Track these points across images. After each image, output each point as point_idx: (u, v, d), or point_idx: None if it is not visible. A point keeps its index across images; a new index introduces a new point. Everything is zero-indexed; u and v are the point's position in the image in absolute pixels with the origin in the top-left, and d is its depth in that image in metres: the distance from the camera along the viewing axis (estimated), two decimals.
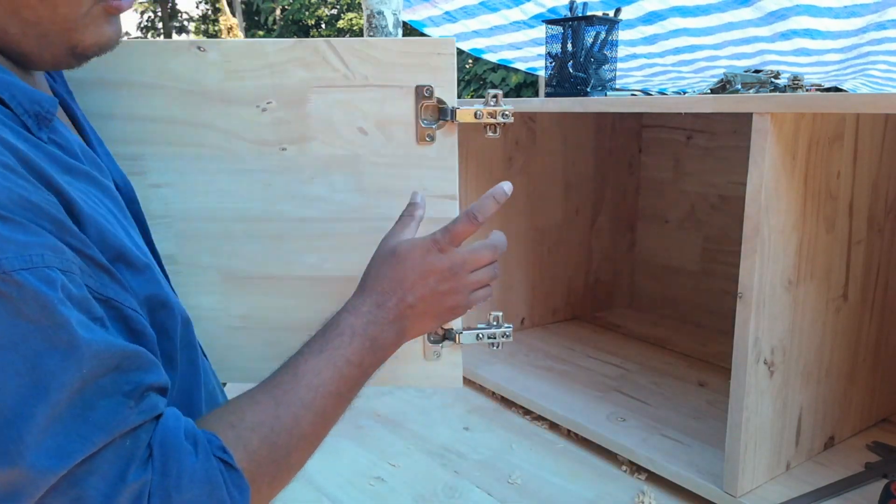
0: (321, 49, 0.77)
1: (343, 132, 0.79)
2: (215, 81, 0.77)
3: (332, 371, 0.60)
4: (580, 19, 1.20)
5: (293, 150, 0.79)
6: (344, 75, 0.78)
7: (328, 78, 0.78)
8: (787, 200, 0.84)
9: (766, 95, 0.89)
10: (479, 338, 0.82)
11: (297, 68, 0.77)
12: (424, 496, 0.95)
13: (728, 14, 2.46)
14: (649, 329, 1.57)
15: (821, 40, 2.47)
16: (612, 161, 1.63)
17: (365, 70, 0.78)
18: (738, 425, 0.87)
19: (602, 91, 1.21)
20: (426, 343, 0.83)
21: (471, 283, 0.69)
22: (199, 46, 0.77)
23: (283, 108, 0.78)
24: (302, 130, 0.79)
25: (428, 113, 0.79)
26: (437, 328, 0.72)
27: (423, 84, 0.78)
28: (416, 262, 0.67)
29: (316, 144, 0.79)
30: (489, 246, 0.70)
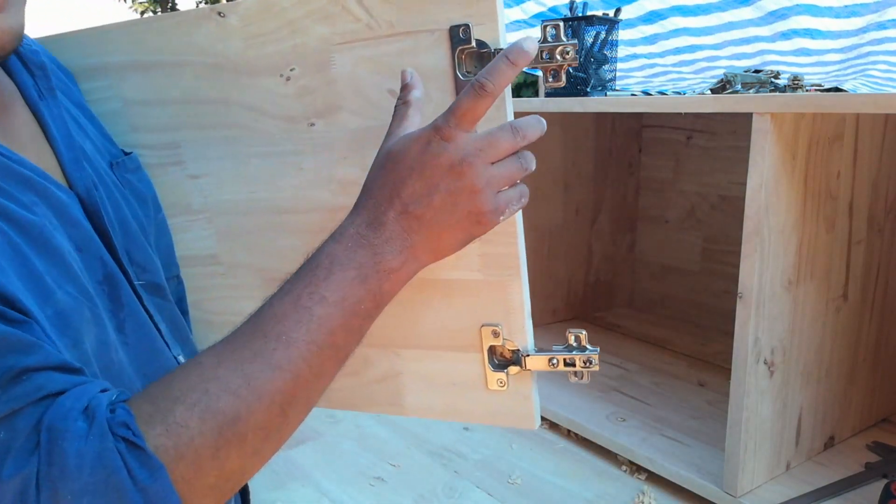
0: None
1: (372, 97, 0.66)
2: (238, 51, 0.69)
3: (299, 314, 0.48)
4: (580, 19, 1.20)
5: (321, 125, 0.69)
6: (367, 25, 0.64)
7: (350, 31, 0.65)
8: (787, 200, 0.84)
9: (766, 95, 0.89)
10: (554, 364, 0.62)
11: (317, 24, 0.66)
12: (424, 496, 0.95)
13: (728, 13, 2.46)
14: (649, 329, 1.57)
15: (821, 40, 2.47)
16: (612, 161, 1.63)
17: (389, 14, 0.64)
18: (738, 425, 0.87)
19: (602, 91, 1.21)
20: (487, 369, 0.66)
21: (495, 177, 0.52)
22: (220, 12, 0.69)
23: (307, 75, 0.68)
24: (329, 100, 0.67)
25: (470, 62, 0.62)
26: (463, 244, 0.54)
27: (459, 23, 0.61)
28: (414, 158, 0.51)
29: (345, 115, 0.67)
30: (507, 127, 0.53)
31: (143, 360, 0.60)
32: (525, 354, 0.64)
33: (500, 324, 0.64)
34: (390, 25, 0.63)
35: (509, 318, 0.64)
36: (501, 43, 0.60)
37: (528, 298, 0.63)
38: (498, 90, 0.51)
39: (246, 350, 0.46)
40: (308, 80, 0.68)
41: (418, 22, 0.62)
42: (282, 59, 0.68)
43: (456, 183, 0.51)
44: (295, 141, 0.70)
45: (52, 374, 0.42)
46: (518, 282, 0.63)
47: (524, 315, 0.63)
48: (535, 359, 0.63)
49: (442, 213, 0.51)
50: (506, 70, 0.51)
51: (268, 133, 0.71)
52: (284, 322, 0.47)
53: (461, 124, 0.51)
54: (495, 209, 0.52)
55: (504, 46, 0.58)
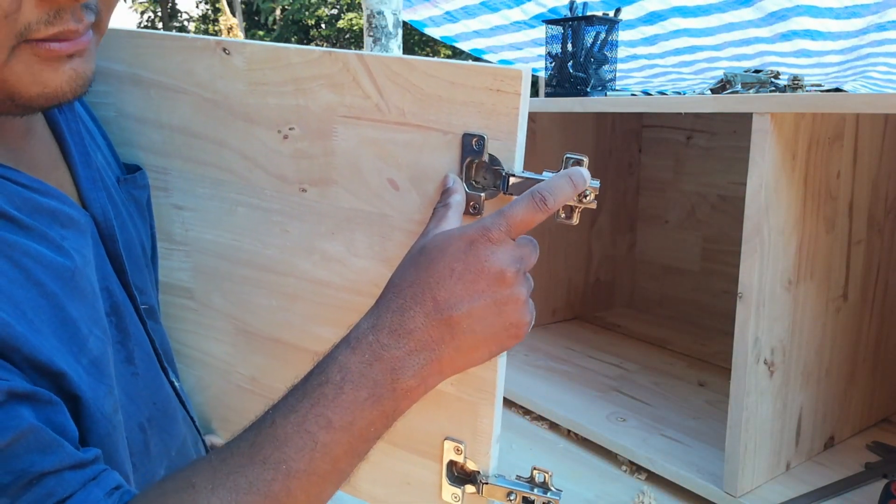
0: (352, 66, 0.60)
1: (371, 181, 0.62)
2: (239, 94, 0.67)
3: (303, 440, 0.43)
4: (580, 19, 1.20)
5: (313, 194, 0.65)
6: (376, 105, 0.60)
7: (358, 106, 0.61)
8: (787, 200, 0.84)
9: (766, 95, 0.89)
10: (511, 498, 0.59)
11: (324, 89, 0.62)
12: None
13: (729, 14, 2.46)
14: (649, 329, 1.57)
15: (821, 41, 2.47)
16: (612, 161, 1.63)
17: (402, 102, 0.58)
18: (738, 425, 0.87)
19: (602, 91, 1.21)
20: (445, 481, 0.62)
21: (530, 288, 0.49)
22: (225, 48, 0.66)
23: (307, 139, 0.64)
24: (325, 171, 0.64)
25: (479, 174, 0.56)
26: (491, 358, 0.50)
27: (474, 133, 0.55)
28: (456, 257, 0.46)
29: (339, 191, 0.64)
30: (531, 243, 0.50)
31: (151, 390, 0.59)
32: (484, 479, 0.60)
33: (465, 442, 0.60)
34: (401, 113, 0.59)
35: (475, 439, 0.60)
36: (517, 163, 0.54)
37: (499, 423, 0.59)
38: (554, 208, 0.49)
39: (242, 478, 0.42)
40: (306, 145, 0.64)
41: (432, 119, 0.57)
42: (282, 114, 0.65)
43: (503, 291, 0.46)
44: (284, 202, 0.67)
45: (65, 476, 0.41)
46: (490, 407, 0.59)
47: (491, 440, 0.59)
48: (493, 488, 0.59)
49: (482, 322, 0.46)
50: (568, 191, 0.49)
51: (259, 186, 0.68)
52: (285, 448, 0.43)
53: (512, 231, 0.47)
54: (531, 321, 0.49)
55: (519, 168, 0.54)
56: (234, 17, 12.99)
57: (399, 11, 2.23)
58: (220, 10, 13.63)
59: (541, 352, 1.42)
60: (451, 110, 0.56)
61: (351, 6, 13.00)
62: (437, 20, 3.09)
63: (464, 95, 0.55)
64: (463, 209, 0.54)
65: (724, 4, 2.42)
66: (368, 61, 0.59)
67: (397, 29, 2.21)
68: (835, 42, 2.47)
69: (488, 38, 3.19)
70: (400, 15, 2.24)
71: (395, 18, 2.10)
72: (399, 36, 2.13)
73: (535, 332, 1.54)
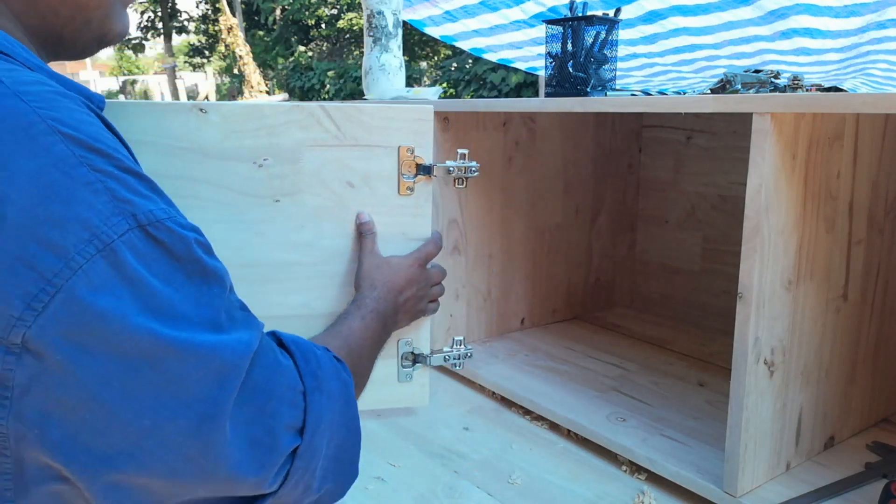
0: (316, 113, 0.87)
1: (332, 185, 0.88)
2: (214, 141, 0.82)
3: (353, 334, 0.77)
4: (580, 19, 1.20)
5: (286, 202, 0.87)
6: (335, 136, 0.88)
7: (321, 138, 0.87)
8: (787, 200, 0.84)
9: (766, 95, 0.89)
10: (446, 360, 0.99)
11: (294, 129, 0.85)
12: (424, 496, 0.95)
13: (728, 13, 2.46)
14: (649, 329, 1.57)
15: (821, 39, 2.47)
16: (612, 161, 1.63)
17: (354, 132, 0.88)
18: (738, 425, 0.87)
19: (602, 91, 1.21)
20: (400, 368, 0.95)
21: (430, 294, 0.92)
22: (202, 108, 0.82)
23: (279, 165, 0.85)
24: (295, 184, 0.86)
25: (408, 168, 0.91)
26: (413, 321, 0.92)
27: (406, 144, 0.91)
28: (405, 272, 0.87)
29: (307, 196, 0.87)
30: (441, 270, 0.94)
31: None
32: (428, 356, 0.96)
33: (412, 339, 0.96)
34: (355, 140, 0.89)
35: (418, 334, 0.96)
36: (431, 159, 0.92)
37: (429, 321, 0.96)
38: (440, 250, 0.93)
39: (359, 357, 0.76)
40: (279, 169, 0.86)
41: (377, 140, 0.90)
42: (257, 151, 0.85)
43: (420, 291, 0.89)
44: (259, 212, 0.85)
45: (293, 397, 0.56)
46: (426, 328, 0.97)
47: (428, 332, 0.96)
48: (434, 358, 0.97)
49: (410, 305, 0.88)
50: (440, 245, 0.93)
51: (234, 206, 0.84)
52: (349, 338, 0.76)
53: (426, 261, 0.90)
54: (424, 311, 0.92)
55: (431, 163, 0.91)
56: (234, 16, 12.99)
57: (399, 11, 2.23)
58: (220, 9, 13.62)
59: (541, 352, 1.42)
60: (390, 134, 0.90)
61: (351, 6, 12.98)
62: (436, 19, 3.09)
63: (398, 125, 0.90)
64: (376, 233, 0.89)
65: (724, 3, 2.42)
66: (328, 108, 0.88)
67: (397, 29, 2.20)
68: (834, 40, 2.47)
69: (488, 38, 3.19)
70: (400, 15, 2.24)
71: (395, 18, 2.10)
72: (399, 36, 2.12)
73: (536, 332, 1.54)
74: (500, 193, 1.44)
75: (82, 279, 0.42)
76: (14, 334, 0.41)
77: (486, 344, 1.46)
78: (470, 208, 1.40)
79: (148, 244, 0.45)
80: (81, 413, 0.43)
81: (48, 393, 0.42)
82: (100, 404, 0.43)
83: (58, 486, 0.44)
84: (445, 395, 1.28)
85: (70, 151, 0.44)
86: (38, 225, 0.42)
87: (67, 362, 0.41)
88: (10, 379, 0.41)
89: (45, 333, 0.41)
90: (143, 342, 0.43)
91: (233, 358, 0.48)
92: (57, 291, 0.41)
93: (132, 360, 0.43)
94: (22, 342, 0.41)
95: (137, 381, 0.43)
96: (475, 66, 8.83)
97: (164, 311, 0.45)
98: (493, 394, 1.28)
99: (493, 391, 1.28)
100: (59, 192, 0.42)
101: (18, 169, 0.42)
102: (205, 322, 0.47)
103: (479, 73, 8.77)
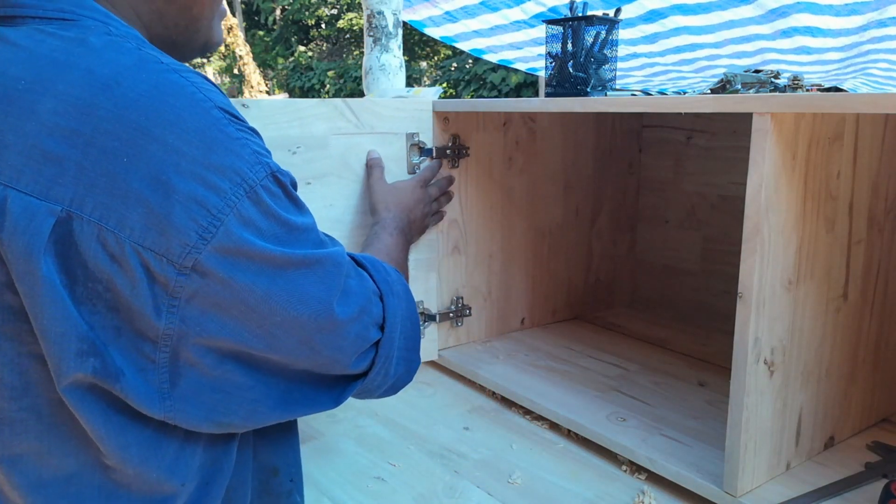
0: (339, 107, 1.09)
1: (354, 167, 1.10)
2: None
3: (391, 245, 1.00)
4: (580, 19, 1.20)
5: (316, 185, 1.06)
6: (356, 125, 1.11)
7: (344, 128, 1.10)
8: (787, 200, 0.84)
9: (766, 95, 0.89)
10: (451, 316, 1.32)
11: (321, 122, 1.05)
12: (424, 496, 0.95)
13: (729, 12, 2.46)
14: (649, 329, 1.57)
15: (821, 38, 2.46)
16: (612, 161, 1.63)
17: (371, 122, 1.13)
18: (738, 425, 0.87)
19: (602, 91, 1.21)
20: None
21: (432, 209, 1.21)
22: (244, 104, 0.97)
23: (310, 151, 1.05)
24: (324, 168, 1.07)
25: (414, 151, 1.19)
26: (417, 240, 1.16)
27: (412, 131, 1.19)
28: (411, 193, 1.13)
29: (333, 178, 1.08)
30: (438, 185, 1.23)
31: None
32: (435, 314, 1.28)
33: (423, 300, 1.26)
34: (371, 128, 1.14)
35: (427, 296, 1.26)
36: (432, 143, 1.22)
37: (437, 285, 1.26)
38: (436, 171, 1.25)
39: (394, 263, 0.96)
40: (311, 155, 1.06)
41: (389, 128, 1.16)
42: (290, 140, 1.03)
43: (425, 209, 1.17)
44: None
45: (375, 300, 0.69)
46: (434, 274, 1.31)
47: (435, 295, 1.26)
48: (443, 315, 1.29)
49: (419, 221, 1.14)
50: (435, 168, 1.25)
51: None
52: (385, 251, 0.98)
53: (426, 182, 1.19)
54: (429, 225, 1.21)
55: (432, 146, 1.22)
56: (234, 16, 12.97)
57: (399, 11, 2.23)
58: None
59: (541, 352, 1.42)
60: (399, 122, 1.17)
61: (351, 6, 12.97)
62: (436, 20, 3.09)
63: (405, 114, 1.18)
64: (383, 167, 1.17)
65: (725, 2, 2.42)
66: (349, 103, 1.11)
67: (397, 29, 2.20)
68: (835, 39, 2.47)
69: (488, 38, 3.19)
70: (400, 15, 2.24)
71: (395, 18, 2.10)
72: (399, 36, 2.12)
73: (536, 332, 1.54)
74: (501, 193, 1.44)
75: (235, 214, 0.53)
76: (187, 259, 0.52)
77: (486, 344, 1.46)
78: (470, 208, 1.40)
79: (275, 186, 0.57)
80: (232, 311, 0.55)
81: (207, 299, 0.53)
82: (246, 305, 0.55)
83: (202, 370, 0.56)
84: (445, 395, 1.28)
85: (221, 115, 0.55)
86: (204, 170, 0.53)
87: (226, 277, 0.53)
88: (179, 292, 0.52)
89: (211, 258, 0.52)
90: (275, 260, 0.56)
91: (336, 266, 0.62)
92: (221, 224, 0.53)
93: (268, 273, 0.55)
94: (192, 265, 0.52)
95: (272, 287, 0.56)
96: (475, 67, 8.83)
97: (291, 236, 0.58)
98: (494, 394, 1.28)
99: (493, 391, 1.28)
100: (218, 146, 0.54)
101: (188, 126, 0.53)
102: (313, 241, 0.61)
103: (479, 73, 8.77)
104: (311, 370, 0.62)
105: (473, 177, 1.39)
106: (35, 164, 0.50)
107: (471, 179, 1.38)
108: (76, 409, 0.52)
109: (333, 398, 0.66)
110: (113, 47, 0.55)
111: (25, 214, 0.49)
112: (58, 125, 0.51)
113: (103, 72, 0.53)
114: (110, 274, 0.51)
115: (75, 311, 0.51)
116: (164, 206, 0.51)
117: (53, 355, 0.51)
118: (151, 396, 0.54)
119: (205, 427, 0.58)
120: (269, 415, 0.61)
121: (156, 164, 0.51)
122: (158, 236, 0.51)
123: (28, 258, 0.49)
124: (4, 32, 0.56)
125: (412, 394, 1.27)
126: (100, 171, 0.50)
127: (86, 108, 0.51)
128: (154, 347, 0.53)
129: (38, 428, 0.54)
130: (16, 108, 0.51)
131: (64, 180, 0.50)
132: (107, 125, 0.51)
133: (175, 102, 0.53)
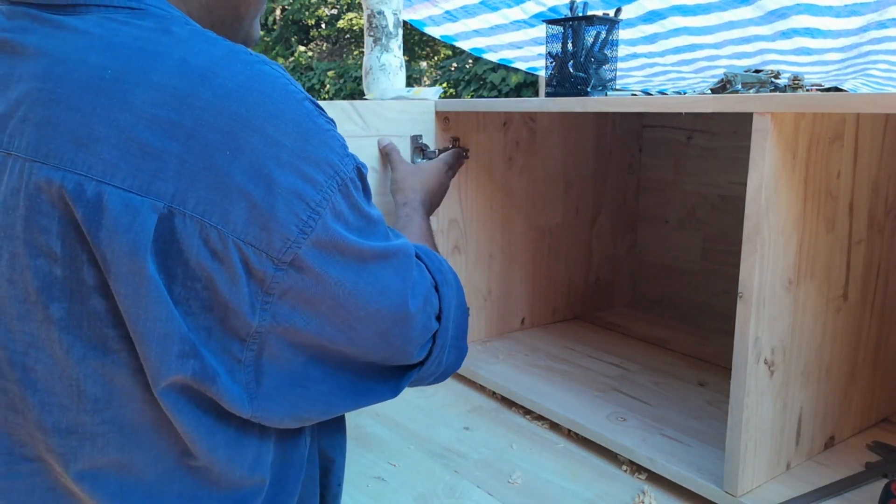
0: (347, 109, 1.13)
1: None
2: None
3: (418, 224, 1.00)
4: (580, 19, 1.20)
5: None
6: (362, 128, 1.15)
7: (353, 130, 1.13)
8: (787, 200, 0.84)
9: (766, 95, 0.89)
10: None
11: None
12: (424, 496, 0.95)
13: (729, 13, 2.46)
14: (649, 329, 1.57)
15: (821, 39, 2.46)
16: (612, 161, 1.63)
17: (376, 124, 1.17)
18: (738, 425, 0.87)
19: (602, 91, 1.21)
20: None
21: None
22: None
23: None
24: None
25: (418, 152, 1.24)
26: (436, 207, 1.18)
27: (416, 134, 1.24)
28: (436, 176, 1.13)
29: None
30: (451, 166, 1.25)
31: None
32: None
33: None
34: (377, 130, 1.18)
35: None
36: (434, 145, 1.27)
37: None
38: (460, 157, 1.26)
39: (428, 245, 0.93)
40: None
41: (394, 131, 1.20)
42: None
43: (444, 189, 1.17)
44: None
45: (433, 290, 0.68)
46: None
47: None
48: None
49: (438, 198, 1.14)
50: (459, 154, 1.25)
51: None
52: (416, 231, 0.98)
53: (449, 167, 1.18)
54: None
55: (434, 148, 1.27)
56: None
57: (399, 11, 2.23)
58: None
59: (541, 352, 1.42)
60: (403, 124, 1.21)
61: (351, 6, 12.97)
62: (436, 19, 3.09)
63: (408, 117, 1.22)
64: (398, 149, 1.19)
65: (724, 3, 2.42)
66: (356, 105, 1.14)
67: (398, 29, 2.20)
68: (835, 40, 2.47)
69: (488, 38, 3.19)
70: (400, 15, 2.24)
71: (395, 18, 2.10)
72: (399, 36, 2.12)
73: (536, 332, 1.54)
74: (501, 193, 1.44)
75: (330, 207, 0.53)
76: (287, 254, 0.51)
77: (486, 344, 1.46)
78: (470, 208, 1.40)
79: (359, 179, 0.57)
80: (321, 307, 0.54)
81: (300, 294, 0.52)
82: (335, 300, 0.55)
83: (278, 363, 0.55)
84: (445, 395, 1.28)
85: (312, 106, 0.55)
86: (302, 163, 0.52)
87: (321, 272, 0.53)
88: (274, 288, 0.51)
89: (309, 252, 0.52)
90: (362, 253, 0.56)
91: (407, 257, 0.62)
92: (319, 218, 0.52)
93: (353, 267, 0.55)
94: (291, 261, 0.51)
95: (358, 281, 0.56)
96: (475, 66, 8.83)
97: (370, 228, 0.58)
98: (494, 393, 1.28)
99: (493, 391, 1.28)
100: (313, 137, 0.53)
101: (287, 118, 0.52)
102: (384, 233, 0.61)
103: (479, 73, 8.77)
104: (377, 362, 0.62)
105: (473, 177, 1.39)
106: (133, 158, 0.47)
107: (471, 179, 1.38)
108: (171, 411, 0.51)
109: (391, 388, 0.65)
110: (201, 37, 0.53)
111: (127, 212, 0.47)
112: (156, 116, 0.48)
113: (198, 62, 0.50)
114: (211, 272, 0.49)
115: (176, 312, 0.49)
116: (266, 200, 0.49)
117: (154, 358, 0.49)
118: (241, 396, 0.53)
119: (286, 423, 0.58)
120: (340, 407, 0.61)
121: (258, 156, 0.49)
122: (260, 231, 0.49)
123: (133, 258, 0.47)
124: (68, 21, 0.52)
125: (412, 394, 1.27)
126: (202, 164, 0.48)
127: (185, 99, 0.49)
128: (242, 346, 0.52)
129: (119, 440, 0.51)
130: (105, 98, 0.48)
131: (165, 175, 0.47)
132: (208, 116, 0.49)
133: (272, 93, 0.52)
